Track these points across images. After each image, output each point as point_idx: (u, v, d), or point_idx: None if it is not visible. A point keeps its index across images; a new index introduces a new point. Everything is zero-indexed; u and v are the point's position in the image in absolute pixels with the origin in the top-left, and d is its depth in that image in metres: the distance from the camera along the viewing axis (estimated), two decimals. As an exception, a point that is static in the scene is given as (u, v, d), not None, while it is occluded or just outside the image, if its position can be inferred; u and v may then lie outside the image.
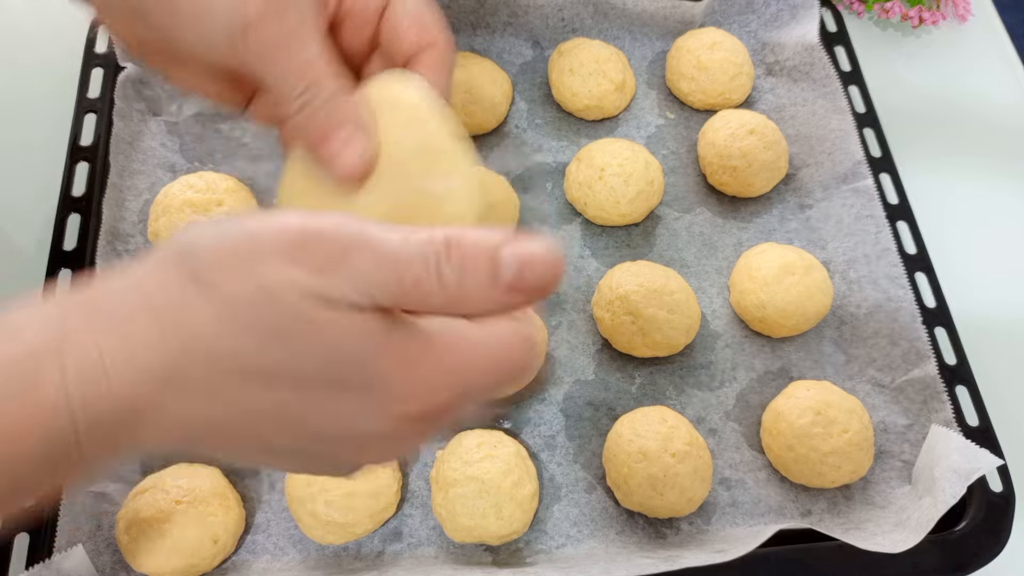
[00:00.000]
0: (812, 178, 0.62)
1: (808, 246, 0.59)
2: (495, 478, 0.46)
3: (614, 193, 0.57)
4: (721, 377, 0.55)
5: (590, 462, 0.51)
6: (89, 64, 0.60)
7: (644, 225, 0.60)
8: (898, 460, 0.52)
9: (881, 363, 0.55)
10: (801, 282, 0.54)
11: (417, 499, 0.49)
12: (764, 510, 0.50)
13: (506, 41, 0.66)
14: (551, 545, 0.48)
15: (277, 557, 0.48)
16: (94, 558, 0.46)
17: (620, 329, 0.53)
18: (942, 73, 0.72)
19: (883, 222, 0.57)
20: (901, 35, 0.74)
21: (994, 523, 0.48)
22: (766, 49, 0.67)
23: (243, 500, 0.48)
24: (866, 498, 0.51)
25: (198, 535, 0.45)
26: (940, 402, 0.52)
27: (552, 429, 0.52)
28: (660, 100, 0.66)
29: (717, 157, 0.60)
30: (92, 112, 0.58)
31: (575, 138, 0.63)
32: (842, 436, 0.49)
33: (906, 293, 0.55)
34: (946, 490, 0.46)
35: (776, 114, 0.64)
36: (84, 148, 0.57)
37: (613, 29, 0.67)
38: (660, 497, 0.47)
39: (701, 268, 0.59)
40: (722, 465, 0.52)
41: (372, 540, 0.48)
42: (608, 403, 0.53)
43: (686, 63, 0.64)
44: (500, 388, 0.26)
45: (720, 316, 0.57)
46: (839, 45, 0.67)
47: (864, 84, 0.65)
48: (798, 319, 0.54)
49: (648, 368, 0.55)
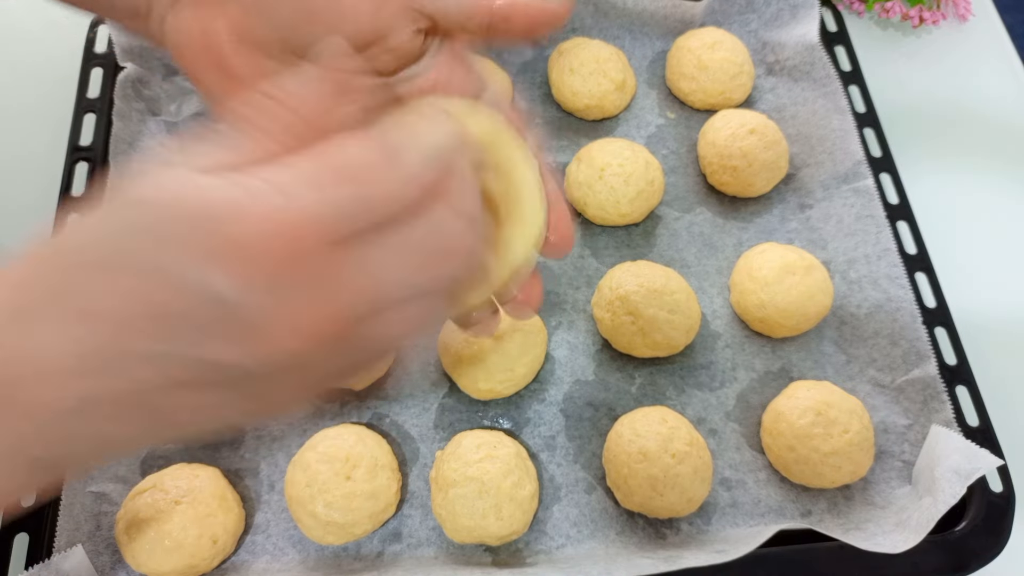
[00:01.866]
0: (812, 178, 0.62)
1: (808, 246, 0.59)
2: (495, 479, 0.46)
3: (614, 193, 0.57)
4: (721, 377, 0.55)
5: (590, 462, 0.51)
6: (89, 64, 0.60)
7: (644, 225, 0.60)
8: (898, 460, 0.52)
9: (881, 363, 0.55)
10: (802, 282, 0.54)
11: (417, 500, 0.49)
12: (764, 510, 0.50)
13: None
14: (551, 546, 0.48)
15: (276, 558, 0.48)
16: (94, 558, 0.46)
17: (620, 329, 0.53)
18: (942, 73, 0.72)
19: (883, 222, 0.57)
20: (901, 35, 0.74)
21: (994, 523, 0.48)
22: (766, 49, 0.67)
23: (242, 501, 0.48)
24: (866, 498, 0.51)
25: (197, 535, 0.45)
26: (940, 402, 0.52)
27: (552, 429, 0.52)
28: (660, 100, 0.66)
29: (717, 157, 0.59)
30: (92, 112, 0.58)
31: (575, 138, 0.63)
32: (842, 436, 0.49)
33: (906, 293, 0.55)
34: (946, 490, 0.46)
35: (776, 114, 0.64)
36: (83, 148, 0.57)
37: (613, 28, 0.67)
38: (660, 497, 0.47)
39: (701, 268, 0.59)
40: (722, 465, 0.52)
41: (372, 541, 0.48)
42: (608, 403, 0.53)
43: (686, 62, 0.64)
44: (448, 272, 0.25)
45: (720, 316, 0.57)
46: (839, 45, 0.67)
47: (864, 84, 0.65)
48: (798, 319, 0.54)
49: (648, 368, 0.55)
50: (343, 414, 0.52)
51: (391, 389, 0.53)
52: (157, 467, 0.48)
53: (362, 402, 0.52)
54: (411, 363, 0.54)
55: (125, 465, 0.49)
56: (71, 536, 0.46)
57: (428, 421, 0.52)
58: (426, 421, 0.52)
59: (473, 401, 0.53)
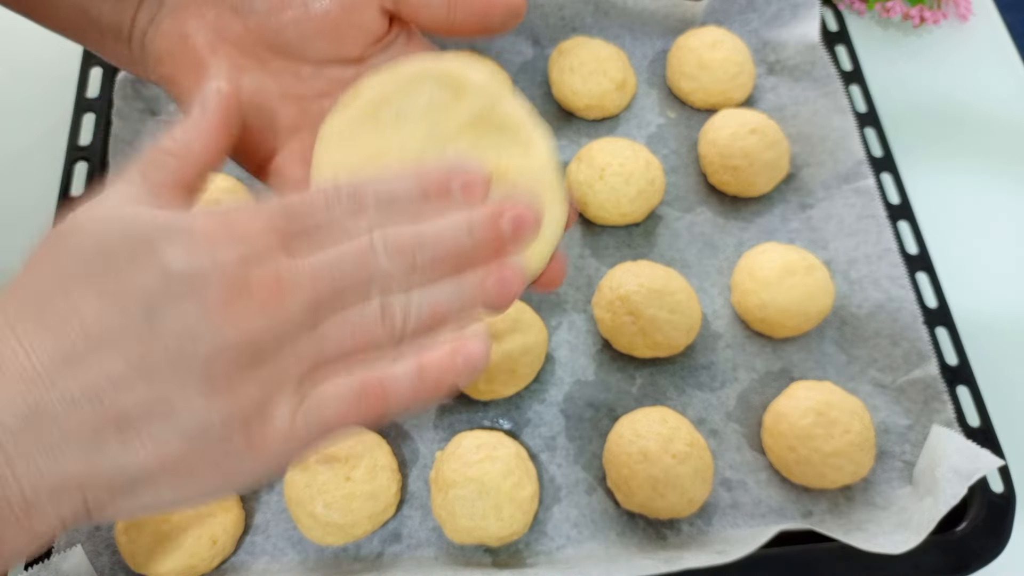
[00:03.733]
0: (814, 178, 0.61)
1: (809, 246, 0.59)
2: (495, 479, 0.46)
3: (615, 193, 0.56)
4: (722, 378, 0.55)
5: (590, 463, 0.51)
6: (88, 63, 0.60)
7: (645, 225, 0.60)
8: (899, 461, 0.52)
9: (882, 363, 0.55)
10: (803, 282, 0.54)
11: (416, 500, 0.49)
12: (765, 511, 0.50)
13: (506, 40, 0.66)
14: (551, 546, 0.48)
15: (276, 558, 0.48)
16: (93, 559, 0.46)
17: (621, 329, 0.52)
18: (943, 72, 0.72)
19: (884, 222, 0.57)
20: (902, 34, 0.73)
21: (995, 523, 0.48)
22: (767, 48, 0.67)
23: (242, 501, 0.48)
24: (867, 499, 0.51)
25: (197, 536, 0.45)
26: (941, 402, 0.52)
27: (552, 430, 0.52)
28: (661, 99, 0.66)
29: (718, 156, 0.59)
30: (91, 112, 0.58)
31: (575, 137, 0.63)
32: (843, 437, 0.49)
33: (907, 293, 0.55)
34: (947, 490, 0.46)
35: (777, 113, 0.64)
36: (83, 148, 0.57)
37: (614, 28, 0.67)
38: (661, 498, 0.47)
39: (702, 268, 0.59)
40: (723, 466, 0.52)
41: (371, 541, 0.48)
42: (609, 404, 0.53)
43: (687, 62, 0.63)
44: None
45: (721, 316, 0.57)
46: (840, 44, 0.67)
47: (865, 83, 0.65)
48: (799, 319, 0.54)
49: (649, 368, 0.54)
50: (343, 414, 0.52)
51: (391, 389, 0.53)
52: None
53: (362, 402, 0.52)
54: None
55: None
56: (70, 536, 0.46)
57: (428, 422, 0.52)
58: (426, 422, 0.52)
59: (473, 401, 0.53)
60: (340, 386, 0.26)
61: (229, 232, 0.25)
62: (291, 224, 0.26)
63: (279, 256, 0.25)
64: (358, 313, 0.26)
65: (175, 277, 0.24)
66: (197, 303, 0.24)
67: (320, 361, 0.26)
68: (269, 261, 0.25)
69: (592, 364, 0.54)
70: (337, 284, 0.26)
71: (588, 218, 0.59)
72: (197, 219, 0.25)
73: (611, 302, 0.53)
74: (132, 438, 0.24)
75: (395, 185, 0.28)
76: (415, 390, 0.26)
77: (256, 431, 0.25)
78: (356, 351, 0.26)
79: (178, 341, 0.24)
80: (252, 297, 0.24)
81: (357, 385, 0.26)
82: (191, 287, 0.24)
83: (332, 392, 0.26)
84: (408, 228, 0.27)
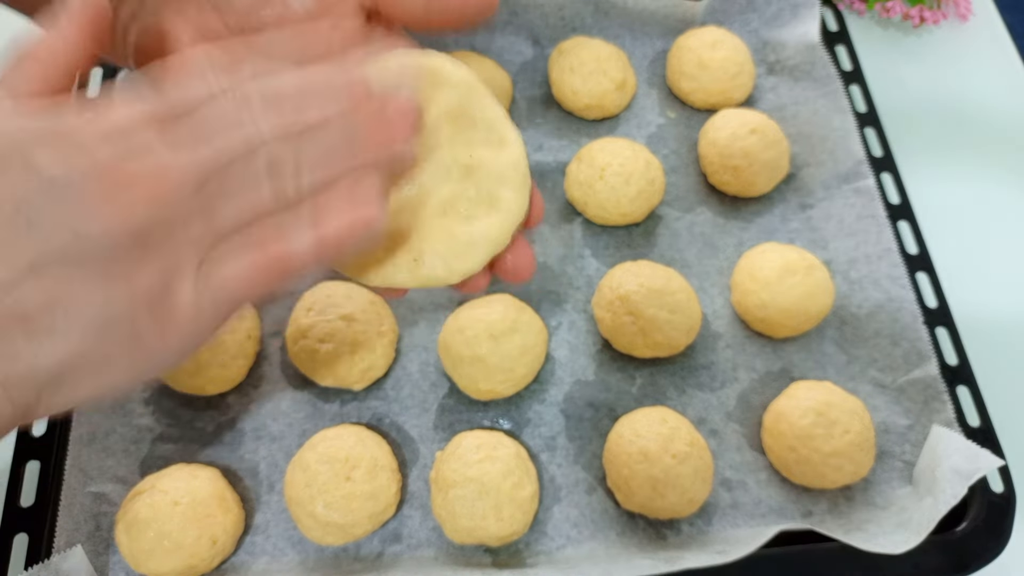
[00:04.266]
0: (814, 178, 0.61)
1: (809, 246, 0.59)
2: (495, 479, 0.46)
3: (615, 192, 0.56)
4: (722, 378, 0.55)
5: (590, 463, 0.51)
6: (87, 63, 0.60)
7: (645, 225, 0.60)
8: (899, 461, 0.52)
9: (882, 363, 0.55)
10: (803, 282, 0.54)
11: (416, 500, 0.49)
12: (765, 511, 0.50)
13: (506, 39, 0.66)
14: (551, 546, 0.48)
15: (276, 558, 0.48)
16: (93, 559, 0.46)
17: (621, 329, 0.52)
18: (943, 72, 0.72)
19: (884, 222, 0.57)
20: (902, 34, 0.74)
21: (995, 523, 0.48)
22: (767, 48, 0.67)
23: (242, 501, 0.48)
24: (867, 499, 0.51)
25: (197, 536, 0.45)
26: (941, 402, 0.52)
27: (552, 430, 0.52)
28: (661, 99, 0.66)
29: (718, 156, 0.59)
30: (90, 111, 0.58)
31: (575, 137, 0.63)
32: (844, 437, 0.49)
33: (907, 293, 0.55)
34: (947, 490, 0.46)
35: (777, 113, 0.64)
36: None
37: (614, 28, 0.67)
38: (661, 498, 0.47)
39: (702, 268, 0.59)
40: (723, 466, 0.52)
41: (371, 541, 0.48)
42: (609, 404, 0.53)
43: (687, 62, 0.63)
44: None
45: (721, 316, 0.57)
46: (840, 44, 0.67)
47: (865, 83, 0.65)
48: (800, 319, 0.54)
49: (649, 368, 0.54)
50: (343, 414, 0.52)
51: (391, 389, 0.53)
52: (156, 468, 0.48)
53: (362, 402, 0.52)
54: (411, 363, 0.54)
55: (124, 466, 0.49)
56: (70, 536, 0.46)
57: (428, 422, 0.52)
58: (426, 422, 0.52)
59: (473, 401, 0.53)
60: (242, 260, 0.26)
61: (103, 129, 0.25)
62: (169, 111, 0.26)
63: (157, 146, 0.25)
64: (249, 179, 0.26)
65: (50, 181, 0.24)
66: (77, 202, 0.24)
67: (216, 237, 0.26)
68: (147, 153, 0.25)
69: (592, 364, 0.54)
70: (221, 158, 0.26)
71: (588, 218, 0.59)
72: (68, 120, 0.25)
73: (611, 302, 0.53)
74: (37, 334, 0.24)
75: (279, 82, 0.28)
76: (315, 257, 0.27)
77: (163, 313, 0.26)
78: (252, 219, 0.27)
79: (62, 240, 0.24)
80: (133, 190, 0.25)
81: (259, 258, 0.26)
82: (69, 188, 0.24)
83: (234, 267, 0.26)
84: (288, 83, 0.27)
